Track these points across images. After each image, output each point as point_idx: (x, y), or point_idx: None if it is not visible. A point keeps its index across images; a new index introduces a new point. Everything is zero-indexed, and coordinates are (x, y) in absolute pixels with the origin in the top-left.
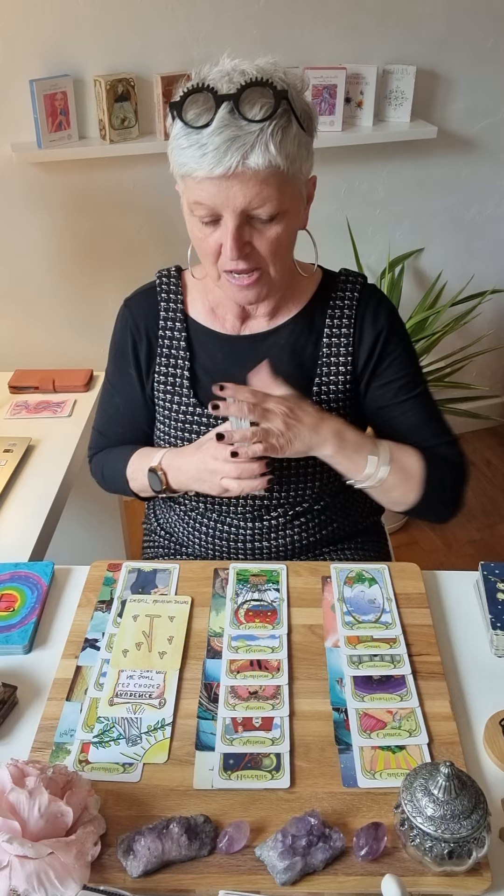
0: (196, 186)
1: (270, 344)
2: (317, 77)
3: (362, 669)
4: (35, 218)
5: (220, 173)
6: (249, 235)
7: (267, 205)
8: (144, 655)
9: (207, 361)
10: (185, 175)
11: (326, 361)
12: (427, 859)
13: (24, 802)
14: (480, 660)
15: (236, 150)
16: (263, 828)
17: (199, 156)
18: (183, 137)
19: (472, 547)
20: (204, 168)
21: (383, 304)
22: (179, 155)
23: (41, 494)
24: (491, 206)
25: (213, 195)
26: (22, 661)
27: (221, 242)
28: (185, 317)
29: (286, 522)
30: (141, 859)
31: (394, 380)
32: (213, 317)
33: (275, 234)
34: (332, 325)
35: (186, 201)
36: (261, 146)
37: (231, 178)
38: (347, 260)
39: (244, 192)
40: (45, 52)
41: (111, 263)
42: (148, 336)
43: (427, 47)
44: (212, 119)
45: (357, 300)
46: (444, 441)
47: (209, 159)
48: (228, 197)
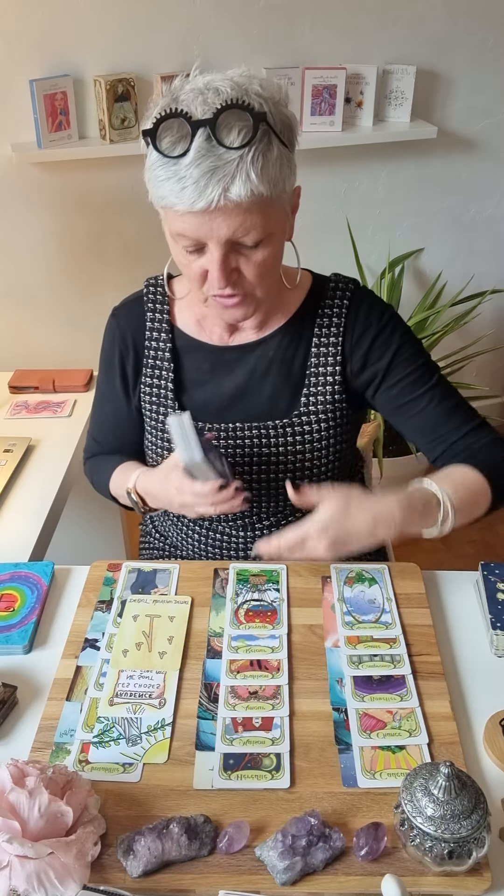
0: (177, 219)
1: (259, 355)
2: (317, 77)
3: (362, 669)
4: (35, 218)
5: (202, 208)
6: (236, 262)
7: (252, 232)
8: (144, 655)
9: (194, 372)
10: (165, 207)
11: (314, 371)
12: (427, 859)
13: (24, 802)
14: (480, 660)
15: (216, 182)
16: (263, 828)
17: (178, 189)
18: (160, 168)
19: (472, 547)
20: (184, 203)
21: (375, 306)
22: (158, 188)
23: (41, 494)
24: (491, 206)
25: (196, 228)
26: (22, 661)
27: (207, 269)
28: (172, 328)
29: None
30: (141, 859)
31: (405, 376)
32: (200, 328)
33: (261, 258)
34: (321, 335)
35: (168, 230)
36: (241, 176)
37: (213, 212)
38: (347, 260)
39: (227, 224)
40: (45, 52)
41: (111, 263)
42: (135, 347)
43: (427, 47)
44: (188, 148)
45: (347, 308)
46: (476, 425)
47: (189, 193)
48: (212, 229)
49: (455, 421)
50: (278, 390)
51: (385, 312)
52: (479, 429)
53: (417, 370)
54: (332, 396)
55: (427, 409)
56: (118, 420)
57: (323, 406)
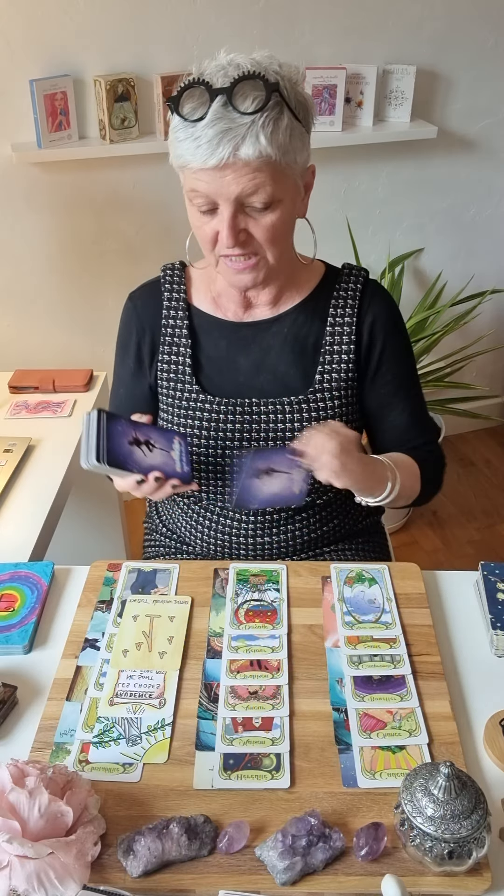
0: (192, 177)
1: (274, 332)
2: (317, 77)
3: (362, 669)
4: (35, 218)
5: (214, 164)
6: (245, 223)
7: (260, 192)
8: (144, 655)
9: (211, 349)
10: (182, 166)
11: (329, 350)
12: (427, 859)
13: (24, 802)
14: (480, 660)
15: (228, 141)
16: (263, 828)
17: (193, 148)
18: (180, 130)
19: (472, 547)
20: (198, 160)
21: (387, 300)
22: (177, 147)
23: (41, 494)
24: (491, 206)
25: (208, 184)
26: (22, 661)
27: (218, 230)
28: (188, 306)
29: (288, 518)
30: (141, 859)
31: (392, 378)
32: (216, 306)
33: (270, 222)
34: (336, 315)
35: (185, 190)
36: (251, 137)
37: (224, 169)
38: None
39: (237, 181)
40: (45, 52)
41: (111, 263)
42: (152, 327)
43: (427, 47)
44: (206, 112)
45: (361, 291)
46: (430, 440)
47: (203, 151)
48: (222, 186)
49: (416, 432)
50: (293, 367)
51: (394, 310)
52: (432, 444)
53: (403, 376)
54: (345, 374)
55: (399, 416)
56: (131, 402)
57: (337, 384)
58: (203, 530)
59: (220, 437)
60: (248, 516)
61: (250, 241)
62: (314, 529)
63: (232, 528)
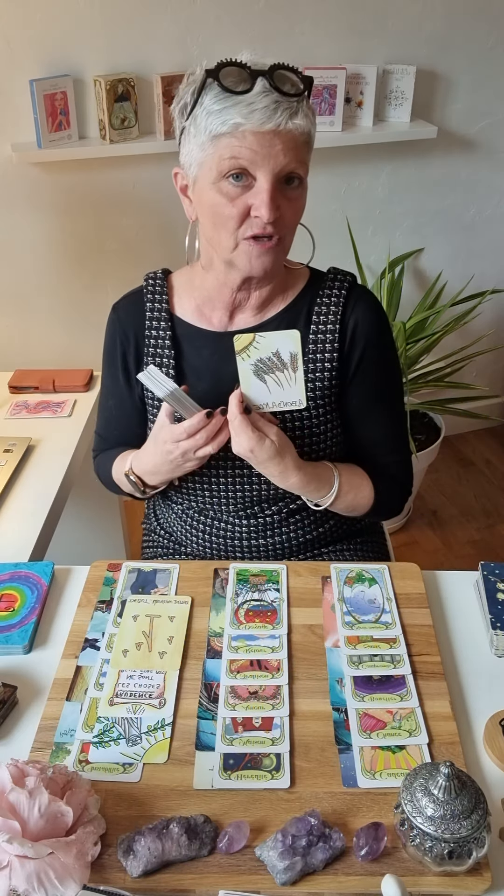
0: (236, 143)
1: None
2: (317, 77)
3: (362, 669)
4: (35, 218)
5: (271, 128)
6: (279, 200)
7: (300, 168)
8: (144, 655)
9: (195, 359)
10: (222, 134)
11: (312, 357)
12: (427, 859)
13: (24, 802)
14: (480, 660)
15: (284, 110)
16: (263, 828)
17: (247, 112)
18: (223, 99)
19: (472, 547)
20: (254, 122)
21: (372, 306)
22: (219, 114)
23: (41, 494)
24: (491, 206)
25: (256, 151)
26: (22, 661)
27: (251, 205)
28: (171, 316)
29: (282, 520)
30: (141, 859)
31: (370, 388)
32: (200, 315)
33: (299, 202)
34: (319, 322)
35: (214, 168)
36: (303, 112)
37: (275, 136)
38: (347, 260)
39: (285, 152)
40: (45, 52)
41: (111, 263)
42: (136, 338)
43: (427, 47)
44: (251, 86)
45: (345, 297)
46: (401, 458)
47: (259, 115)
48: (271, 154)
49: (388, 447)
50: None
51: (381, 317)
52: (402, 464)
53: (384, 385)
54: (328, 383)
55: (373, 426)
56: (121, 413)
57: (321, 391)
58: (198, 534)
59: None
60: (243, 520)
61: (279, 220)
62: (310, 531)
63: (227, 531)
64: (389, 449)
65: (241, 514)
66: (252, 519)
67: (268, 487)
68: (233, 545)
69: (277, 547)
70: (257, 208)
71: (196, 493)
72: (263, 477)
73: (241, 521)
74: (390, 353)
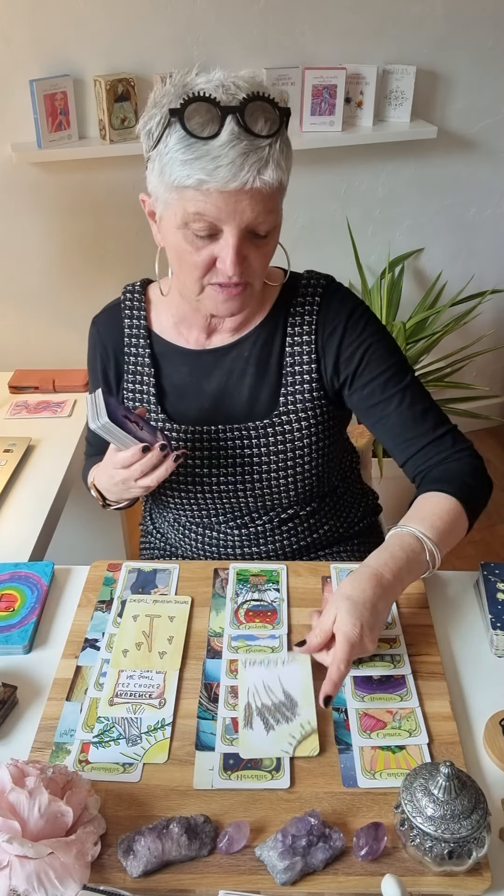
0: (200, 199)
1: (234, 357)
2: (317, 77)
3: (362, 669)
4: (35, 218)
5: (236, 187)
6: (247, 250)
7: (268, 220)
8: (144, 655)
9: (174, 376)
10: (186, 186)
11: (290, 371)
12: (427, 859)
13: (24, 802)
14: (480, 660)
15: (251, 165)
16: (263, 828)
17: (211, 168)
18: (186, 148)
19: (472, 547)
20: (217, 181)
21: (346, 301)
22: (182, 167)
23: (41, 494)
24: (491, 206)
25: (220, 209)
26: (22, 661)
27: (216, 256)
28: (149, 333)
29: (273, 528)
30: (141, 859)
31: (376, 376)
32: (178, 333)
33: (269, 249)
34: (294, 334)
35: (178, 215)
36: (273, 162)
37: (241, 193)
38: (347, 260)
39: (252, 208)
40: (45, 52)
41: (111, 263)
42: (115, 354)
43: (427, 47)
44: (218, 130)
45: (318, 304)
46: (445, 431)
47: (223, 172)
48: (236, 211)
49: (425, 425)
50: (256, 391)
51: (356, 309)
52: (448, 435)
53: (389, 370)
54: (310, 395)
55: (398, 411)
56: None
57: (302, 405)
58: (191, 542)
59: (190, 464)
60: (234, 530)
61: (248, 268)
62: (304, 537)
63: (220, 541)
64: (430, 426)
65: (233, 525)
66: (244, 528)
67: (255, 499)
68: (226, 553)
69: (271, 554)
70: (222, 261)
71: (184, 506)
72: (251, 489)
73: (233, 531)
74: (381, 342)
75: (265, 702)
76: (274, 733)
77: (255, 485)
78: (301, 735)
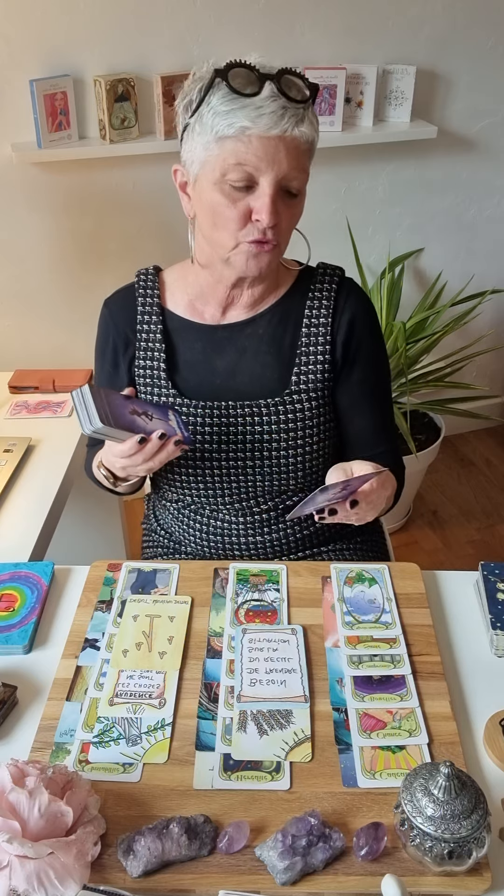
0: (241, 147)
1: (249, 333)
2: (317, 77)
3: (362, 669)
4: (35, 218)
5: (276, 133)
6: (280, 207)
7: (301, 177)
8: (144, 655)
9: (187, 352)
10: (228, 137)
11: (305, 350)
12: (427, 859)
13: (24, 802)
14: (480, 660)
15: (290, 117)
16: (263, 828)
17: (255, 115)
18: (228, 101)
19: (472, 547)
20: (261, 127)
21: (362, 300)
22: (226, 116)
23: (41, 494)
24: (491, 206)
25: (260, 157)
26: (22, 661)
27: (252, 208)
28: (162, 310)
29: (277, 516)
30: (141, 859)
31: (363, 379)
32: (192, 309)
33: (297, 211)
34: (311, 315)
35: (216, 169)
36: (308, 120)
37: (280, 142)
38: (347, 260)
39: (289, 159)
40: (45, 52)
41: (111, 263)
42: (126, 332)
43: (427, 47)
44: (259, 90)
45: (336, 291)
46: (393, 448)
47: (266, 120)
48: (275, 160)
49: (381, 437)
50: (269, 369)
51: (370, 311)
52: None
53: (375, 378)
54: (321, 375)
55: (365, 418)
56: None
57: (314, 384)
58: (195, 533)
59: (199, 440)
60: (238, 516)
61: (278, 227)
62: (306, 526)
63: (223, 529)
64: (384, 438)
65: (238, 509)
66: (248, 515)
67: (262, 479)
68: (230, 542)
69: (275, 543)
70: (258, 211)
71: (189, 487)
72: (259, 468)
73: (237, 518)
74: (380, 346)
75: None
76: (267, 738)
77: (264, 462)
78: (294, 742)
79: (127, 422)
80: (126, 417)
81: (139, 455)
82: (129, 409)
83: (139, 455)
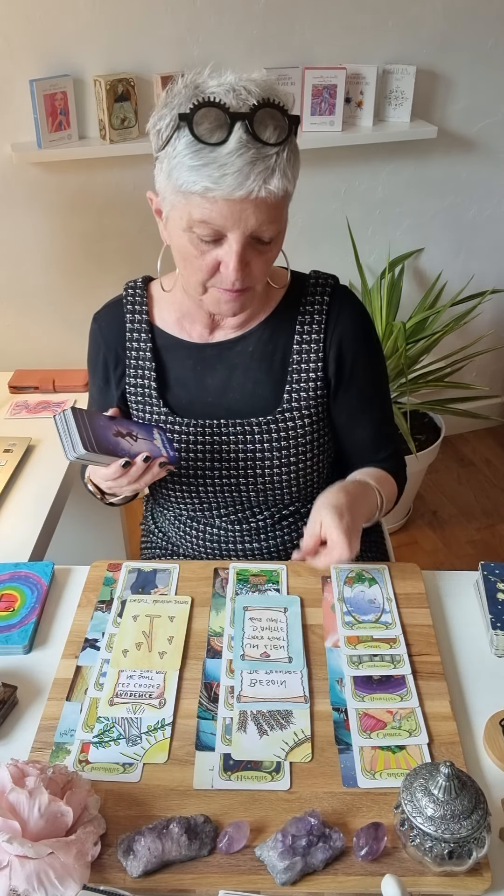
0: (205, 206)
1: (239, 351)
2: (317, 77)
3: (362, 669)
4: (35, 218)
5: (241, 196)
6: (249, 256)
7: (272, 228)
8: (144, 655)
9: (178, 369)
10: (192, 192)
11: (297, 368)
12: (427, 859)
13: (24, 802)
14: (480, 660)
15: (257, 174)
16: (263, 828)
17: (217, 175)
18: (193, 154)
19: (472, 547)
20: (223, 189)
21: (356, 310)
22: (189, 173)
23: (41, 494)
24: (491, 206)
25: (225, 216)
26: (22, 661)
27: (220, 261)
28: (151, 327)
29: (274, 524)
30: (141, 859)
31: (360, 393)
32: (180, 327)
33: (271, 256)
34: (303, 332)
35: (184, 218)
36: (279, 171)
37: (246, 202)
38: (347, 260)
39: (257, 216)
40: (45, 52)
41: (111, 263)
42: (116, 349)
43: (427, 47)
44: (226, 137)
45: (328, 304)
46: (395, 451)
47: (230, 181)
48: (241, 219)
49: (384, 444)
50: (260, 386)
51: (364, 319)
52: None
53: (374, 388)
54: (314, 392)
55: (366, 428)
56: None
57: (306, 402)
58: (192, 539)
59: (192, 457)
60: (234, 525)
61: (249, 273)
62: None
63: (219, 536)
64: (386, 444)
65: (233, 520)
66: (244, 524)
67: (256, 494)
68: (227, 548)
69: (272, 550)
70: (225, 265)
71: (185, 500)
72: (253, 484)
73: (234, 527)
74: (376, 356)
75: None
76: (267, 738)
77: (258, 479)
78: (294, 742)
79: (111, 444)
80: (110, 440)
81: (124, 478)
82: (113, 431)
83: (124, 478)
